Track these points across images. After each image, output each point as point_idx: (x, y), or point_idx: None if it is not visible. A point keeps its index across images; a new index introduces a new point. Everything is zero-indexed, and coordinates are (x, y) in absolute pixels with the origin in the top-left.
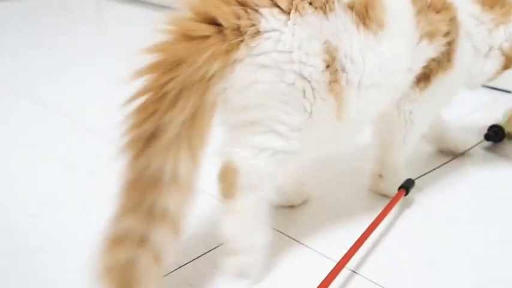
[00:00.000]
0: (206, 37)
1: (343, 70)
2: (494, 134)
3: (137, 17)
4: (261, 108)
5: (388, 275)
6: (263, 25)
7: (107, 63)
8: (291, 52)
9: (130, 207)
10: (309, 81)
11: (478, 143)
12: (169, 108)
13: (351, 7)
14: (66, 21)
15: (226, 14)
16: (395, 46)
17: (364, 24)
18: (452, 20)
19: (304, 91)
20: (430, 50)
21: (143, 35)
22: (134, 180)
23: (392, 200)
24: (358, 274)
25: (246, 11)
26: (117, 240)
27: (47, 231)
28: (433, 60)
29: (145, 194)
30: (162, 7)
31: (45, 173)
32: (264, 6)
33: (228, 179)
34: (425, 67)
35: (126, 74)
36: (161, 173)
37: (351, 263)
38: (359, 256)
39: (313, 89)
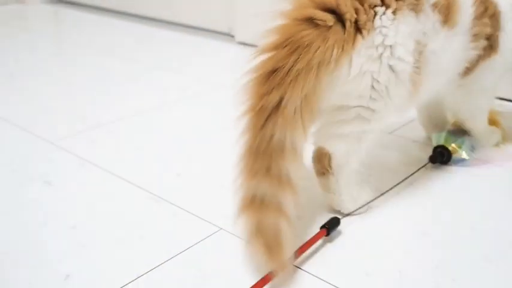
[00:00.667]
0: (329, 26)
1: (427, 63)
2: (440, 156)
3: (95, 24)
4: (358, 96)
5: None
6: (377, 21)
7: (64, 73)
8: (394, 47)
9: (260, 171)
10: (400, 74)
11: (423, 166)
12: (292, 84)
13: (436, 7)
14: (22, 29)
15: (347, 7)
16: (459, 42)
17: (446, 22)
18: (493, 16)
19: (394, 82)
20: (474, 50)
21: (101, 43)
22: (260, 147)
23: (311, 239)
24: None
25: (364, 7)
26: (258, 202)
27: (3, 241)
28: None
29: (273, 161)
30: (121, 14)
31: (1, 184)
32: (378, 5)
33: (322, 161)
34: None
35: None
36: (284, 142)
37: None
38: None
39: (400, 80)
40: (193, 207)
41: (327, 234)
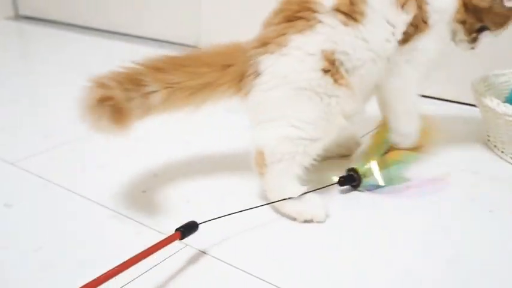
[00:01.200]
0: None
1: (342, 64)
2: (349, 179)
3: (59, 40)
4: (279, 108)
5: None
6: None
7: (27, 89)
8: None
9: None
10: (311, 89)
11: (330, 185)
12: None
13: (337, 9)
14: None
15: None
16: (376, 25)
17: (351, 19)
18: None
19: (309, 96)
20: (406, 15)
21: (65, 58)
22: None
23: (163, 241)
24: None
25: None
26: None
27: None
28: (411, 24)
29: None
30: (86, 28)
31: None
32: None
33: (258, 160)
34: (406, 32)
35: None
36: None
37: None
38: None
39: (317, 93)
40: (159, 225)
41: (181, 238)
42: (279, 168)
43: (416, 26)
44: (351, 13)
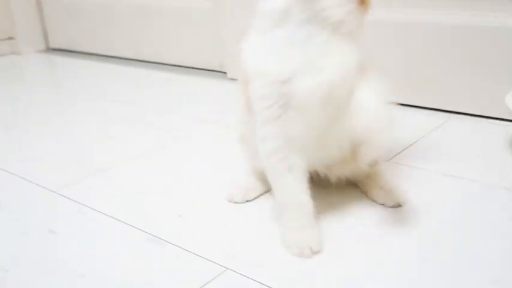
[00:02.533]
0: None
1: None
2: None
3: (89, 70)
4: None
5: None
6: None
7: (61, 119)
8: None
9: None
10: None
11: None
12: None
13: None
14: (17, 80)
15: None
16: None
17: None
18: None
19: None
20: None
21: (95, 87)
22: None
23: None
24: None
25: None
26: None
27: None
28: None
29: None
30: (114, 58)
31: (4, 236)
32: None
33: None
34: None
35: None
36: None
37: None
38: None
39: None
40: (197, 248)
41: None
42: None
43: None
44: None
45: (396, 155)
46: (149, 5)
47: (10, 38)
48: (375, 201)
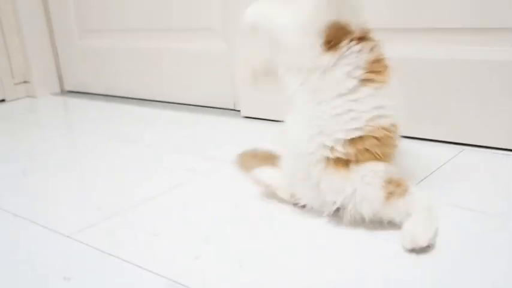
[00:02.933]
0: None
1: None
2: None
3: (103, 111)
4: None
5: None
6: None
7: (76, 163)
8: None
9: None
10: None
11: None
12: None
13: None
14: (33, 123)
15: None
16: None
17: None
18: None
19: None
20: None
21: (109, 128)
22: None
23: None
24: None
25: None
26: None
27: None
28: None
29: None
30: (128, 99)
31: (19, 283)
32: None
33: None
34: None
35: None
36: None
37: None
38: None
39: None
40: None
41: None
42: None
43: None
44: None
45: None
46: (163, 47)
47: (25, 82)
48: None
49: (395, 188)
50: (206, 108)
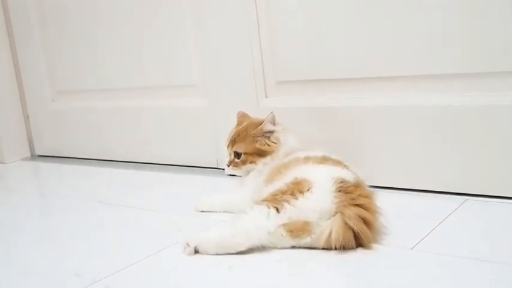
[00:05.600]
0: None
1: None
2: None
3: (77, 174)
4: None
5: None
6: None
7: (50, 228)
8: None
9: None
10: None
11: None
12: None
13: None
14: (2, 189)
15: None
16: None
17: None
18: None
19: None
20: None
21: (85, 192)
22: None
23: None
24: None
25: None
26: None
27: None
28: None
29: None
30: (105, 161)
31: None
32: None
33: None
34: None
35: None
36: None
37: None
38: None
39: None
40: None
41: None
42: None
43: None
44: None
45: (419, 242)
46: (142, 105)
47: None
48: None
49: None
50: (188, 167)
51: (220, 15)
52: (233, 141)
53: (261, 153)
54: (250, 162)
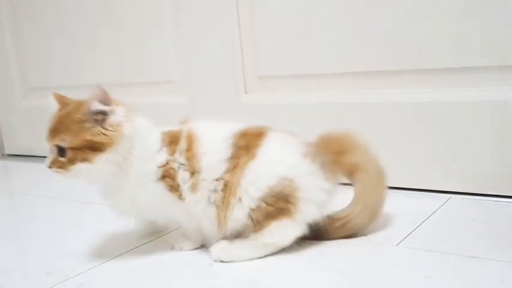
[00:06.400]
0: None
1: None
2: None
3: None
4: None
5: None
6: None
7: (21, 227)
8: None
9: None
10: None
11: None
12: None
13: None
14: None
15: None
16: None
17: None
18: None
19: None
20: None
21: (57, 190)
22: None
23: None
24: None
25: None
26: None
27: None
28: None
29: None
30: None
31: None
32: None
33: None
34: None
35: None
36: None
37: None
38: None
39: None
40: None
41: None
42: None
43: None
44: None
45: (404, 239)
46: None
47: None
48: None
49: None
50: None
51: (201, 9)
52: (54, 132)
53: (96, 147)
54: (82, 161)
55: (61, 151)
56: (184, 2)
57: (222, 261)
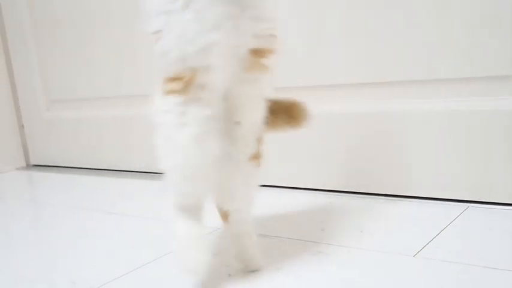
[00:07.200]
0: None
1: None
2: None
3: (71, 184)
4: None
5: None
6: None
7: (44, 237)
8: None
9: None
10: None
11: None
12: None
13: None
14: None
15: None
16: None
17: None
18: None
19: None
20: None
21: (79, 200)
22: None
23: None
24: None
25: None
26: None
27: None
28: None
29: None
30: (92, 170)
31: None
32: None
33: None
34: None
35: None
36: None
37: None
38: None
39: None
40: None
41: None
42: None
43: None
44: None
45: (421, 249)
46: (134, 114)
47: None
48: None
49: None
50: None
51: None
52: None
53: None
54: None
55: None
56: None
57: None
